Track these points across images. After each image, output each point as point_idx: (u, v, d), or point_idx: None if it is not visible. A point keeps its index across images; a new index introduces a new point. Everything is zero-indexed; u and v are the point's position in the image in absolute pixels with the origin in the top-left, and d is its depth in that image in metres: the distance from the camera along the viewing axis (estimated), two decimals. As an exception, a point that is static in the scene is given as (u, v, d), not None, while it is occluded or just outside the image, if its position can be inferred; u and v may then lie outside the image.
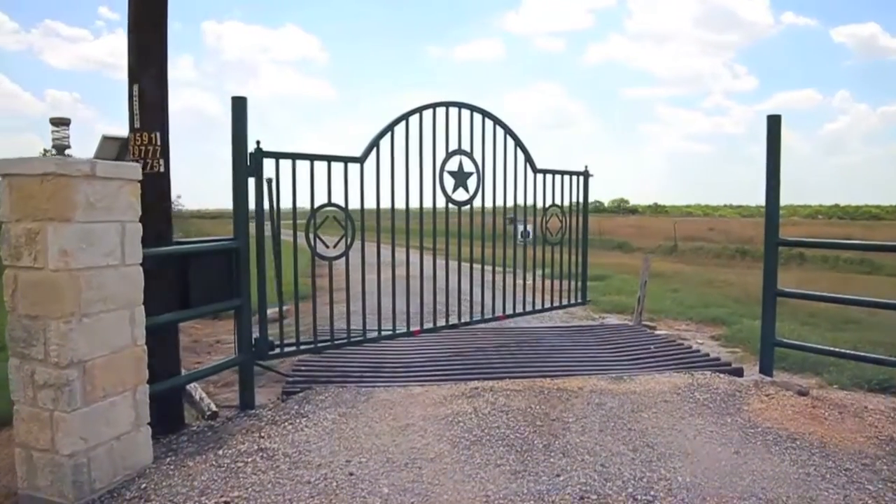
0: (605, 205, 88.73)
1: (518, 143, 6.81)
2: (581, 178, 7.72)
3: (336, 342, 5.75)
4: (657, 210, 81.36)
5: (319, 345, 5.64)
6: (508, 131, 6.65)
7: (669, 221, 40.32)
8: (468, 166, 6.48)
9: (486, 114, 6.42)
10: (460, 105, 6.22)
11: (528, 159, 6.95)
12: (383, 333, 6.17)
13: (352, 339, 5.83)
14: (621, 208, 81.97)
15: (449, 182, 6.42)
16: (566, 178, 7.47)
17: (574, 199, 7.68)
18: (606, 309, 10.49)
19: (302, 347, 5.60)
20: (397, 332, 6.20)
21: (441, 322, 6.72)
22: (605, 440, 4.11)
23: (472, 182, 6.55)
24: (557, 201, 7.48)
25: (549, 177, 7.23)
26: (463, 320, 6.91)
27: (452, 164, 6.36)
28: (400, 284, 6.11)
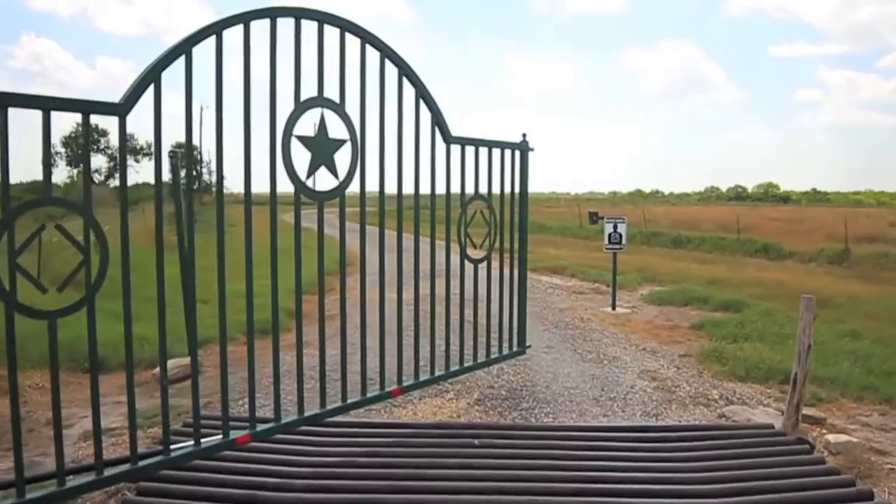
0: (749, 190, 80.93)
1: (422, 94, 4.58)
2: (516, 153, 5.47)
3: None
4: (816, 198, 72.54)
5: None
6: (405, 71, 4.46)
7: (834, 213, 34.12)
8: (337, 129, 4.05)
9: (366, 38, 4.17)
10: (320, 18, 3.92)
11: (438, 121, 4.71)
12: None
13: None
14: (769, 195, 73.84)
15: (301, 157, 3.77)
16: (496, 152, 5.24)
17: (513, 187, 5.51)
18: (737, 372, 6.80)
19: None
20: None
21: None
22: None
23: (343, 157, 4.05)
24: (484, 189, 5.24)
25: (469, 150, 5.02)
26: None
27: (306, 125, 3.87)
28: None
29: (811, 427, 5.32)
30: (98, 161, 54.30)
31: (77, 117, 2.97)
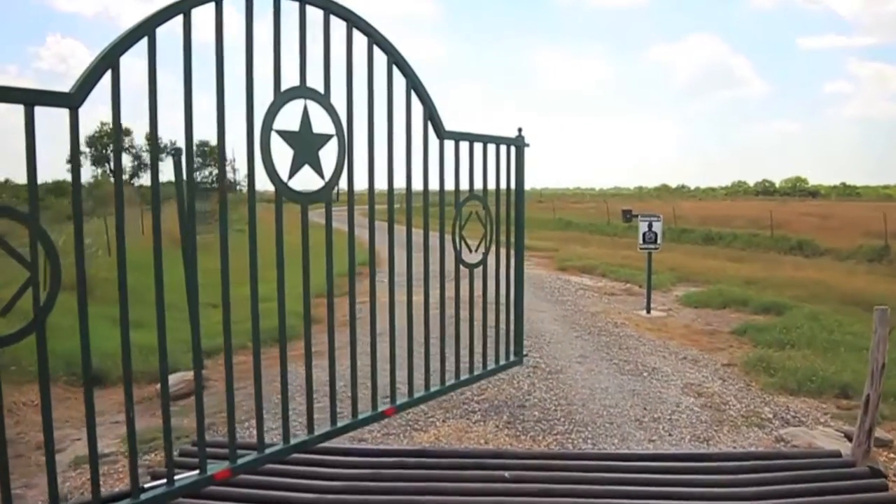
0: (777, 185, 78.98)
1: (414, 85, 4.07)
2: (511, 148, 4.93)
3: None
4: (846, 192, 70.32)
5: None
6: (395, 59, 3.92)
7: (865, 208, 32.75)
8: (322, 123, 3.47)
9: (352, 21, 3.60)
10: None
11: (431, 115, 4.20)
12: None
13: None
14: (798, 190, 71.81)
15: (282, 154, 3.23)
16: (490, 148, 4.73)
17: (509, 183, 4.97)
18: (787, 385, 6.12)
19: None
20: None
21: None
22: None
23: (329, 154, 3.47)
24: (479, 186, 4.72)
25: (464, 146, 4.53)
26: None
27: (288, 118, 3.27)
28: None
29: (877, 451, 4.66)
30: (123, 160, 55.27)
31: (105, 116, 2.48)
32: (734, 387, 6.08)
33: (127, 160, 54.80)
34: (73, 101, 2.45)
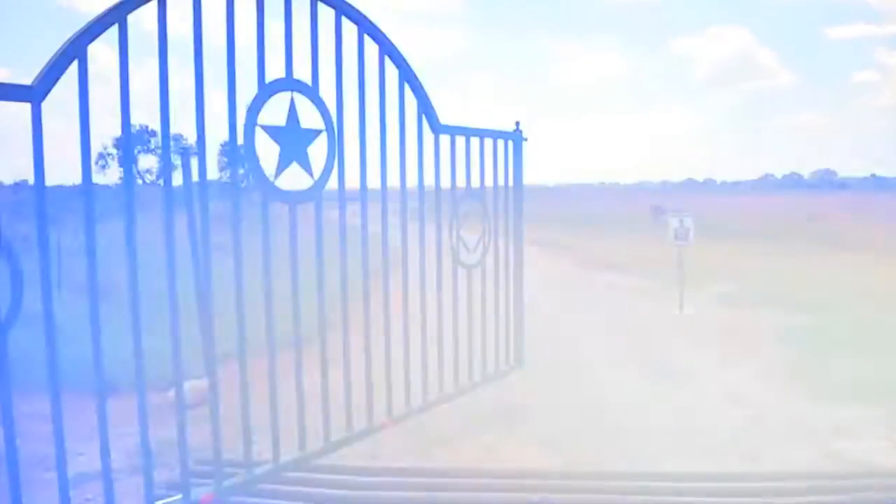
0: (805, 177, 77.44)
1: (407, 78, 3.88)
2: (508, 143, 4.79)
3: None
4: (876, 183, 68.45)
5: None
6: (387, 50, 3.68)
7: (899, 200, 31.68)
8: (311, 117, 3.27)
9: (341, 8, 3.35)
10: None
11: (426, 109, 4.04)
12: None
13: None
14: (827, 182, 70.24)
15: (267, 151, 3.00)
16: (488, 143, 4.58)
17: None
18: (834, 392, 5.70)
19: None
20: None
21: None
22: None
23: (317, 149, 3.24)
24: (476, 184, 4.59)
25: (459, 141, 4.33)
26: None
27: (274, 112, 3.06)
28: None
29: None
30: (150, 161, 56.11)
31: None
32: (776, 394, 5.69)
33: (153, 161, 55.56)
34: (33, 94, 2.19)
